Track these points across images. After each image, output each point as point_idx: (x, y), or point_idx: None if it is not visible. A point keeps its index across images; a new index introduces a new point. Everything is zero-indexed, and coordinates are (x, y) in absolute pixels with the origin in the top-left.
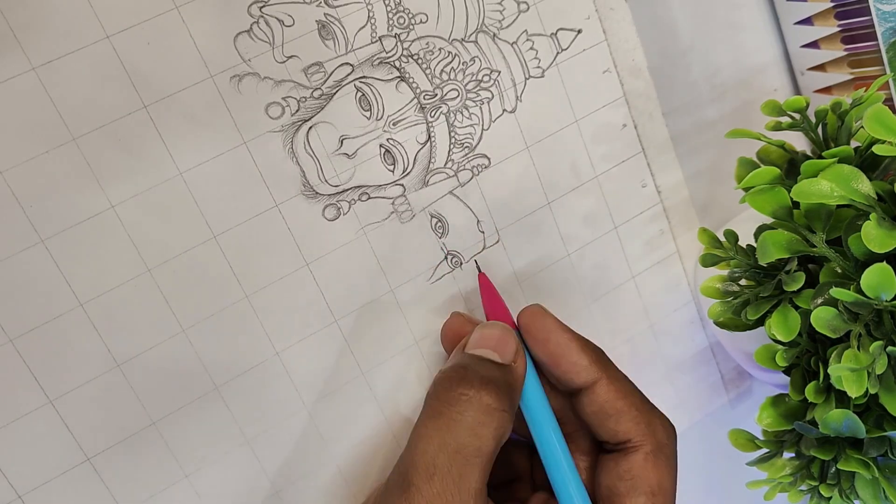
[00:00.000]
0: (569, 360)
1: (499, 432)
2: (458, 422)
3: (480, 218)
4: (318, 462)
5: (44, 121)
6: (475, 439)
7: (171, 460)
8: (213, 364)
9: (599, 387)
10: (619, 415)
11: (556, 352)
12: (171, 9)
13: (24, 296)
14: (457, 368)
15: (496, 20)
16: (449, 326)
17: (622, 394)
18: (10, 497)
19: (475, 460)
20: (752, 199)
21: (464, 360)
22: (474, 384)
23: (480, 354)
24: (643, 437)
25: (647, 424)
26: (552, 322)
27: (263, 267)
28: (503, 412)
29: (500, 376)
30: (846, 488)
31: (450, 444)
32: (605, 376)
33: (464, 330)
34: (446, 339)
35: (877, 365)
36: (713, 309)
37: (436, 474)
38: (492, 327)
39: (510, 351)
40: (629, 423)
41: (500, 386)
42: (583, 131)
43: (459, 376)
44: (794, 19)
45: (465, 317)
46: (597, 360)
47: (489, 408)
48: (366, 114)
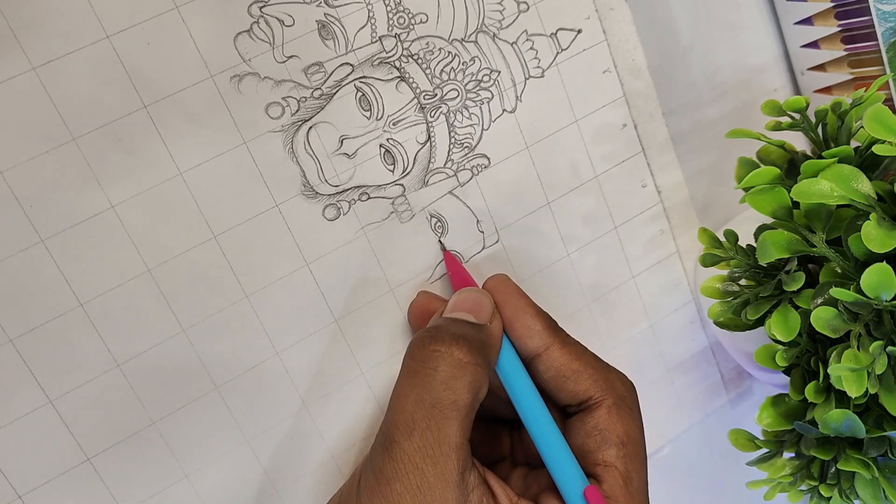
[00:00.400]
0: (523, 322)
1: (474, 385)
2: (431, 377)
3: (480, 218)
4: (318, 462)
5: (44, 121)
6: (450, 392)
7: (171, 460)
8: (213, 364)
9: (553, 350)
10: (577, 375)
11: (513, 315)
12: (171, 9)
13: (24, 296)
14: (429, 329)
15: (496, 20)
16: (416, 304)
17: (576, 355)
18: (10, 497)
19: (452, 413)
20: (752, 199)
21: (437, 322)
22: (445, 340)
23: (455, 317)
24: (603, 392)
25: (605, 380)
26: (511, 287)
27: (263, 267)
28: (476, 366)
29: (472, 333)
30: (846, 488)
31: (425, 398)
32: (558, 340)
33: (430, 306)
34: (413, 317)
35: (877, 365)
36: (713, 309)
37: (415, 429)
38: (467, 292)
39: (486, 312)
40: (587, 382)
41: (472, 341)
42: (583, 131)
43: (431, 335)
44: (794, 19)
45: (430, 294)
46: (549, 326)
47: (461, 361)
48: (366, 114)
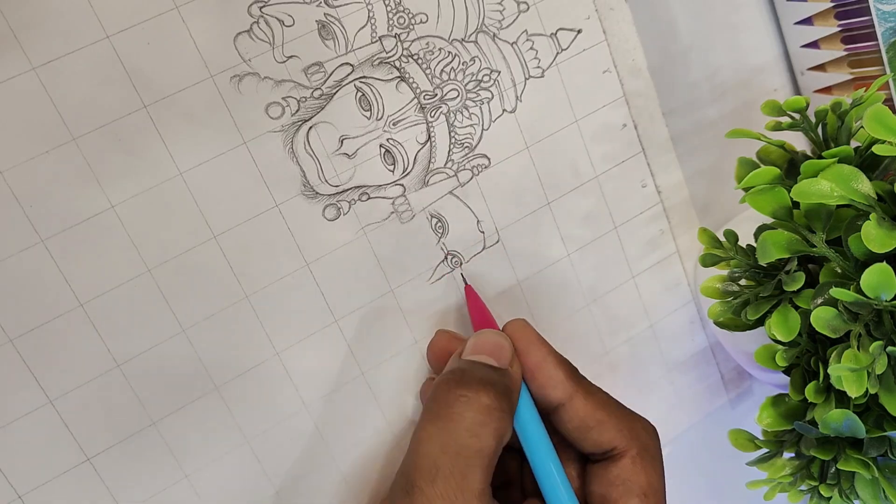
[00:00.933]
0: (545, 373)
1: (499, 432)
2: (457, 423)
3: (480, 218)
4: (318, 462)
5: (44, 121)
6: (476, 440)
7: (171, 460)
8: (213, 364)
9: (576, 401)
10: (601, 425)
11: (534, 364)
12: (171, 9)
13: (24, 296)
14: (455, 372)
15: (496, 20)
16: (435, 343)
17: (600, 405)
18: (10, 497)
19: (477, 461)
20: (752, 199)
21: (461, 365)
22: (472, 385)
23: (477, 359)
24: (628, 443)
25: (630, 429)
26: (533, 335)
27: (263, 267)
28: (502, 412)
29: (497, 378)
30: (846, 488)
31: (450, 445)
32: (581, 390)
33: (450, 346)
34: (433, 357)
35: (877, 365)
36: (713, 309)
37: (438, 476)
38: (487, 334)
39: (506, 356)
40: (612, 432)
41: (498, 387)
42: (583, 131)
43: (457, 379)
44: (794, 19)
45: (450, 333)
46: (572, 375)
47: (488, 408)
48: (366, 114)
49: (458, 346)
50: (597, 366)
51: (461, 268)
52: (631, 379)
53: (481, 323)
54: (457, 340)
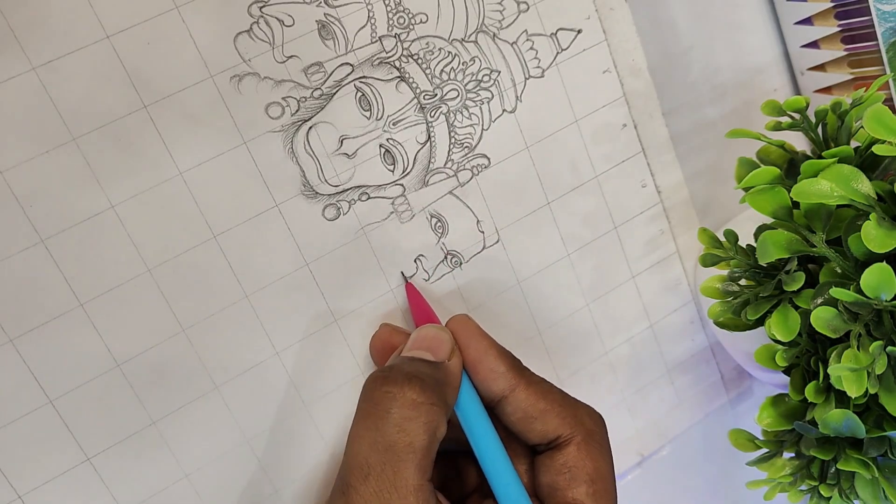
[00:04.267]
0: (487, 365)
1: (429, 426)
2: (384, 419)
3: (480, 218)
4: (317, 462)
5: (44, 121)
6: (404, 435)
7: (171, 460)
8: (213, 364)
9: (518, 392)
10: (544, 414)
11: (476, 357)
12: (171, 9)
13: (24, 296)
14: (383, 369)
15: (496, 20)
16: (378, 337)
17: (542, 394)
18: (10, 497)
19: (408, 456)
20: (752, 199)
21: (392, 361)
22: (398, 381)
23: (413, 355)
24: (572, 430)
25: (573, 417)
26: (474, 328)
27: (263, 267)
28: (431, 406)
29: (427, 372)
30: (846, 488)
31: (380, 442)
32: (523, 381)
33: (391, 340)
34: (375, 351)
35: (877, 365)
36: (713, 309)
37: (370, 473)
38: (425, 329)
39: (444, 349)
40: (555, 420)
41: (427, 381)
42: (583, 131)
43: (384, 376)
44: (794, 19)
45: (392, 327)
46: (513, 366)
47: (414, 402)
48: (366, 114)
49: (399, 339)
50: (597, 366)
51: (405, 267)
52: (631, 379)
53: (422, 319)
54: (399, 334)
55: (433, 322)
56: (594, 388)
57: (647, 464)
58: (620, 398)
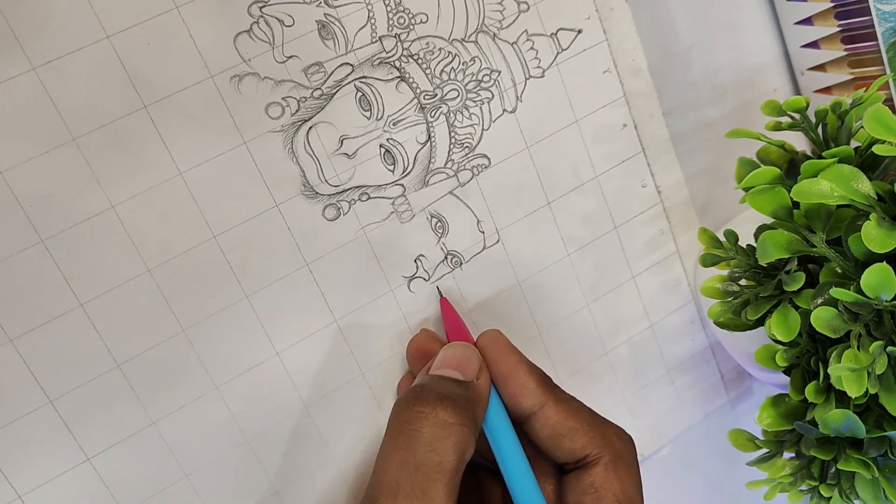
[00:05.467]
0: (517, 381)
1: (459, 447)
2: (415, 439)
3: (480, 218)
4: (318, 462)
5: (44, 121)
6: (434, 455)
7: (172, 460)
8: (213, 364)
9: (548, 409)
10: (573, 433)
11: (506, 373)
12: (171, 9)
13: (24, 296)
14: (414, 389)
15: (496, 20)
16: (414, 342)
17: (572, 412)
18: (10, 497)
19: (437, 476)
20: (752, 199)
21: (423, 380)
22: (430, 401)
23: (442, 374)
24: (600, 450)
25: (602, 437)
26: (505, 344)
27: (263, 267)
28: (461, 426)
29: (457, 392)
30: (846, 488)
31: (410, 461)
32: (553, 398)
33: (428, 346)
34: (411, 356)
35: (877, 365)
36: (713, 309)
37: (399, 492)
38: (454, 347)
39: (473, 368)
40: (584, 439)
41: (458, 401)
42: (583, 131)
43: (415, 395)
44: (794, 19)
45: (430, 333)
46: (543, 383)
47: (445, 423)
48: (366, 114)
49: (434, 347)
50: (597, 366)
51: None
52: (631, 379)
53: (454, 335)
54: (435, 341)
55: (465, 339)
56: (594, 388)
57: (647, 464)
58: (620, 398)
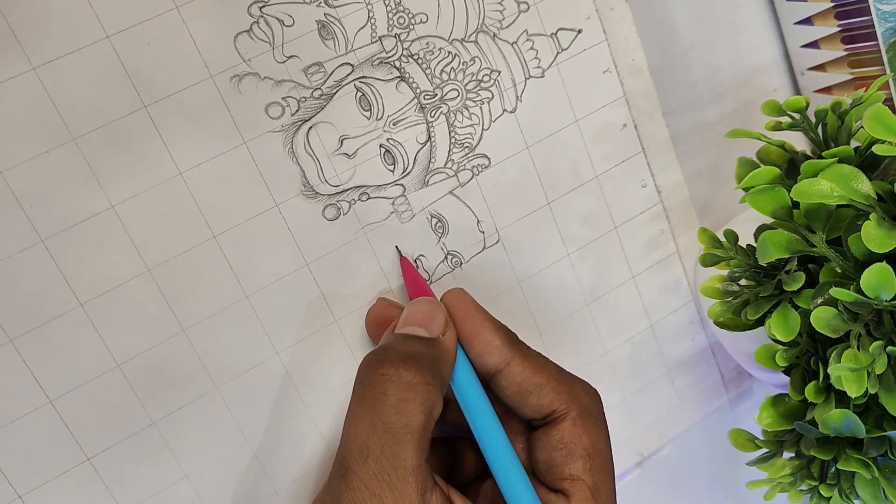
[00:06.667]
0: (482, 339)
1: (426, 406)
2: (381, 401)
3: (480, 218)
4: (318, 462)
5: (44, 121)
6: (401, 416)
7: (171, 460)
8: (213, 364)
9: (514, 365)
10: (539, 388)
11: (471, 331)
12: (171, 9)
13: (24, 296)
14: (377, 351)
15: (496, 20)
16: (373, 312)
17: (537, 368)
18: (10, 497)
19: (406, 437)
20: (752, 199)
21: (386, 341)
22: (393, 362)
23: (407, 332)
24: (567, 405)
25: (569, 392)
26: (469, 303)
27: (263, 267)
28: (427, 385)
29: (422, 351)
30: (846, 488)
31: (377, 424)
32: (518, 354)
33: (387, 313)
34: (371, 325)
35: (877, 365)
36: (713, 309)
37: (369, 455)
38: (419, 303)
39: (438, 323)
40: (550, 394)
41: (422, 360)
42: (583, 131)
43: (379, 357)
44: (794, 19)
45: (388, 301)
46: (509, 340)
47: (410, 383)
48: (366, 114)
49: (394, 313)
50: (597, 366)
51: (398, 246)
52: (631, 379)
53: (416, 292)
54: (394, 308)
55: (427, 295)
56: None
57: (647, 464)
58: (620, 398)
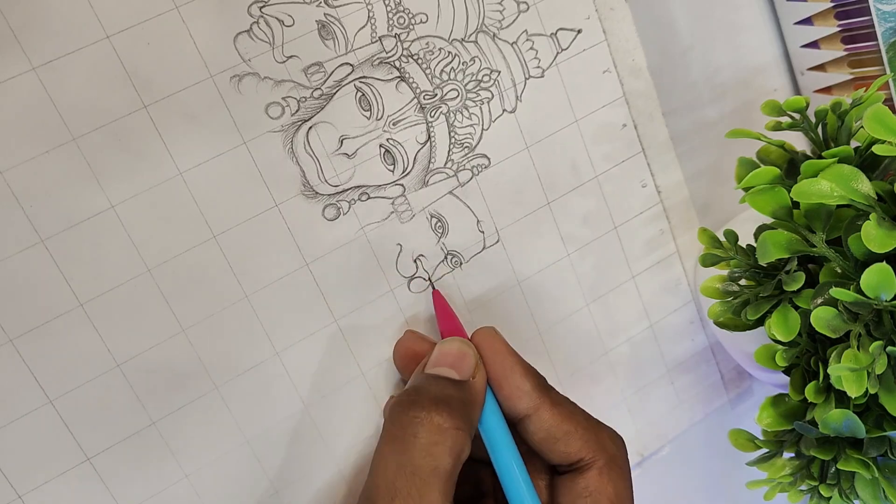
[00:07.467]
0: (512, 383)
1: (455, 450)
2: (412, 444)
3: (480, 218)
4: (318, 462)
5: (44, 121)
6: (431, 459)
7: (171, 460)
8: (213, 364)
9: (543, 412)
10: (567, 436)
11: (501, 374)
12: (171, 9)
13: (24, 296)
14: (409, 391)
15: (496, 20)
16: (401, 344)
17: (566, 415)
18: (10, 497)
19: (433, 480)
20: (752, 199)
21: (418, 382)
22: (425, 405)
23: (437, 373)
24: (594, 454)
25: (596, 440)
26: (500, 344)
27: (263, 267)
28: (457, 430)
29: (453, 394)
30: (846, 488)
31: (406, 465)
32: (548, 401)
33: (415, 348)
34: (399, 358)
35: (877, 365)
36: (713, 309)
37: (396, 496)
38: (450, 343)
39: (469, 366)
40: (578, 443)
41: (453, 404)
42: (583, 131)
43: (411, 400)
44: (794, 19)
45: (416, 334)
46: (538, 385)
47: (441, 427)
48: (366, 114)
49: (423, 347)
50: (597, 366)
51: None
52: (631, 379)
53: (448, 331)
54: (423, 342)
55: (459, 334)
56: (594, 389)
57: (647, 464)
58: (620, 398)
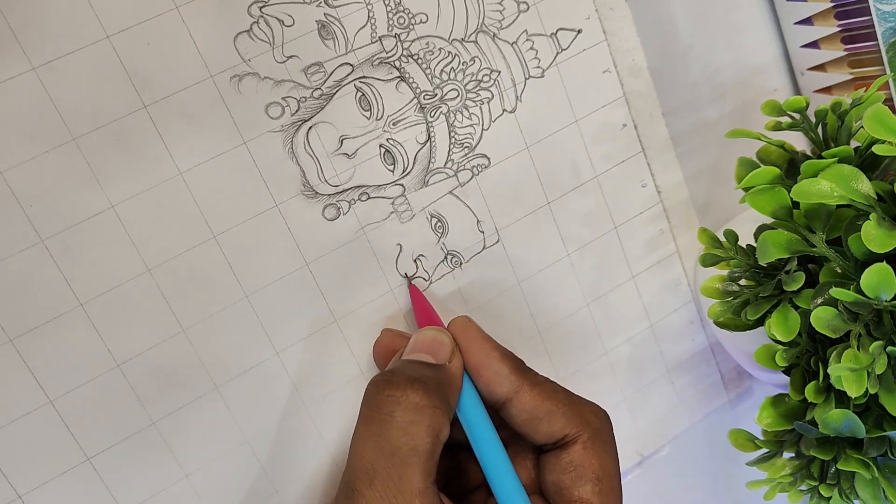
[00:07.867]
0: (491, 368)
1: (433, 429)
2: (388, 423)
3: (480, 218)
4: (317, 462)
5: (44, 121)
6: (409, 438)
7: (171, 460)
8: (213, 364)
9: (523, 393)
10: (550, 415)
11: (479, 361)
12: (171, 9)
13: (24, 296)
14: (384, 373)
15: (496, 20)
16: (380, 343)
17: (547, 394)
18: (10, 497)
19: (412, 459)
20: (752, 199)
21: (394, 365)
22: (401, 384)
23: (414, 358)
24: (578, 429)
25: (579, 416)
26: (475, 331)
27: (263, 267)
28: (434, 409)
29: (429, 374)
30: (846, 488)
31: (384, 446)
32: (527, 382)
33: (393, 345)
34: (378, 356)
35: (877, 365)
36: (713, 309)
37: (376, 478)
38: (425, 331)
39: (445, 351)
40: (561, 420)
41: (429, 383)
42: (583, 131)
43: (386, 379)
44: (794, 19)
45: (394, 332)
46: (516, 368)
47: (418, 406)
48: (366, 114)
49: (401, 343)
50: (597, 365)
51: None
52: (631, 379)
53: (424, 321)
54: (400, 338)
55: (435, 324)
56: (594, 388)
57: (647, 464)
58: (620, 398)
